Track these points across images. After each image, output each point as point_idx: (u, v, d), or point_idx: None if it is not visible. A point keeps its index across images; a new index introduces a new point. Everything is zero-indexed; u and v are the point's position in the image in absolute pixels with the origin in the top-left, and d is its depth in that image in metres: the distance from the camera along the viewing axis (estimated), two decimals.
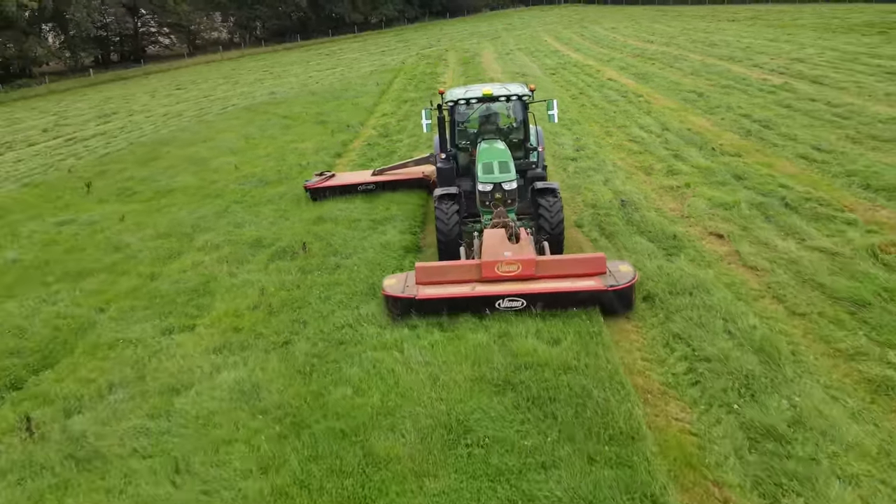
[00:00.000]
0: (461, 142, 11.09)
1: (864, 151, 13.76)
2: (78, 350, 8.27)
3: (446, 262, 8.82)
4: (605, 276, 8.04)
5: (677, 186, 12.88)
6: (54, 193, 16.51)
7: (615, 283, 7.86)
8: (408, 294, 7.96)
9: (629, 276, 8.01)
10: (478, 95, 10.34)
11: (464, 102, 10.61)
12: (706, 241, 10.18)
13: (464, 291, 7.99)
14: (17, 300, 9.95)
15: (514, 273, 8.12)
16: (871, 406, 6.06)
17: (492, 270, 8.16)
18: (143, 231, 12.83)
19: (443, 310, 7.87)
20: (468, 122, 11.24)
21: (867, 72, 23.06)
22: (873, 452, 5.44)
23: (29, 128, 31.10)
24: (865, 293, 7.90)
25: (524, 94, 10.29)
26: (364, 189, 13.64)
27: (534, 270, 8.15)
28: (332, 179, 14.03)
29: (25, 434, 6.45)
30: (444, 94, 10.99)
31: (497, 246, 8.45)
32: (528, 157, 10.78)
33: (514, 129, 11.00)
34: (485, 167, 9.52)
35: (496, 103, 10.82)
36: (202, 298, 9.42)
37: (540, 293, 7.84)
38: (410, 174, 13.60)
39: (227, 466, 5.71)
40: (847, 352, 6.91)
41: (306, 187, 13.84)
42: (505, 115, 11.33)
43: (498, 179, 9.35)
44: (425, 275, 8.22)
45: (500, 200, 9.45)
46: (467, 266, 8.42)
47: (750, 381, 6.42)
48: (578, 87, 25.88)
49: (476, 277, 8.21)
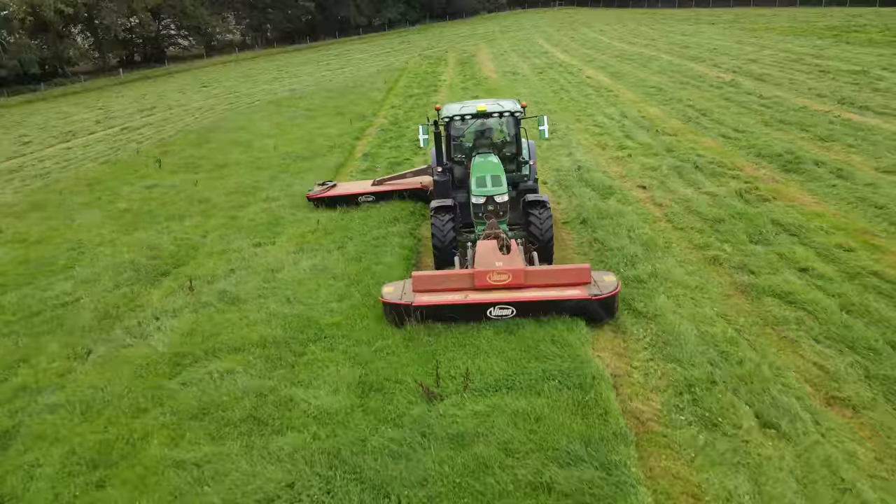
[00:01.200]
0: (457, 155, 11.55)
1: (769, 132, 17.84)
2: (199, 255, 12.30)
3: (441, 272, 9.28)
4: (590, 286, 8.50)
5: (622, 157, 16.91)
6: (132, 168, 20.56)
7: (598, 293, 8.32)
8: (405, 301, 8.45)
9: (612, 286, 8.47)
10: (472, 112, 10.81)
11: (459, 118, 10.97)
12: (632, 190, 14.21)
13: (457, 299, 8.44)
14: (142, 231, 13.98)
15: (505, 282, 8.57)
16: (701, 268, 10.09)
17: (484, 280, 8.58)
18: (215, 190, 16.87)
19: (438, 316, 8.40)
20: (463, 137, 11.77)
21: (804, 70, 27.13)
22: (692, 286, 9.46)
23: (81, 120, 35.22)
24: (724, 215, 11.95)
25: (516, 111, 10.82)
26: (364, 200, 14.12)
27: (523, 280, 8.59)
28: (333, 189, 14.55)
29: (188, 290, 10.50)
30: (440, 110, 11.38)
31: (489, 256, 8.91)
32: (520, 170, 11.28)
33: (507, 143, 11.49)
34: (478, 181, 10.07)
35: (490, 119, 11.26)
36: (275, 228, 13.45)
37: (528, 301, 8.32)
38: (408, 185, 14.13)
39: (318, 297, 9.77)
40: (699, 245, 10.95)
41: (308, 197, 14.42)
42: (498, 129, 11.78)
43: (490, 192, 9.92)
44: (421, 283, 8.72)
45: (493, 212, 10.03)
46: (461, 275, 8.85)
47: (633, 259, 10.45)
48: (560, 84, 29.92)
49: (469, 286, 8.66)
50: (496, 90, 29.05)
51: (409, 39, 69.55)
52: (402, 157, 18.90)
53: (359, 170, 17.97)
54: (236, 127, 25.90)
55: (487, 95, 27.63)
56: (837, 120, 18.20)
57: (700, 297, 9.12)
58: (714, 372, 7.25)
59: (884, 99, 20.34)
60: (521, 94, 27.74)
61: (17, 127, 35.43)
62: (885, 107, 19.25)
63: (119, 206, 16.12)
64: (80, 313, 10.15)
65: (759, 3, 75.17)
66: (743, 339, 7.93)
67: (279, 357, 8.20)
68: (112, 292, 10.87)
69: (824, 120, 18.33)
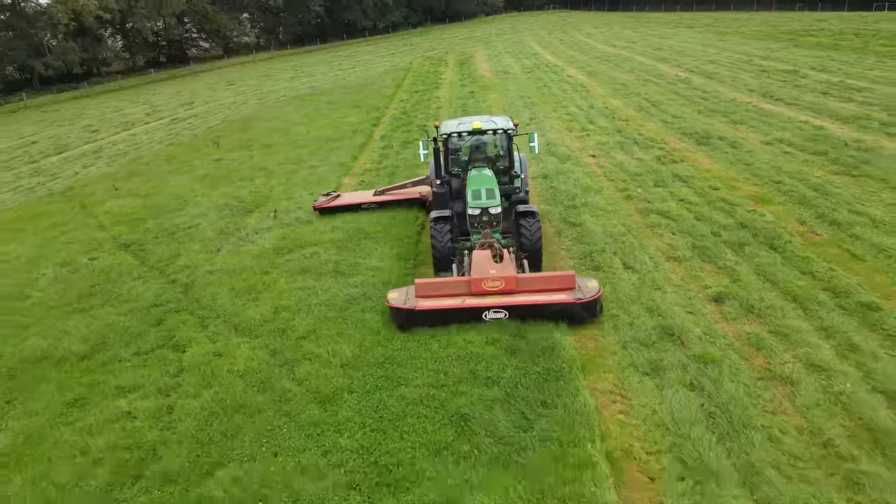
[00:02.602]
0: (454, 169, 12.48)
1: (698, 118, 22.88)
2: (271, 200, 17.29)
3: (441, 279, 10.08)
4: (575, 291, 9.32)
5: (582, 136, 21.94)
6: (195, 148, 25.60)
7: (582, 297, 9.18)
8: (409, 306, 9.27)
9: (594, 291, 9.33)
10: (468, 129, 11.79)
11: (456, 135, 12.00)
12: (584, 158, 19.21)
13: (456, 304, 9.26)
14: (223, 188, 19.00)
15: (499, 288, 9.39)
16: (617, 201, 15.08)
17: (479, 286, 9.40)
18: (270, 161, 21.89)
19: (438, 320, 9.21)
20: (460, 151, 12.74)
21: (748, 70, 32.19)
22: (608, 210, 14.47)
23: (132, 113, 40.32)
24: (643, 171, 16.99)
25: (509, 128, 11.82)
26: (367, 208, 15.09)
27: (515, 286, 9.41)
28: (337, 199, 15.53)
29: (273, 217, 15.54)
30: (438, 127, 12.45)
31: (484, 264, 9.75)
32: (512, 183, 12.20)
33: (500, 157, 12.51)
34: (474, 193, 10.93)
35: (485, 135, 12.16)
36: (322, 184, 18.45)
37: (519, 305, 9.16)
38: (408, 194, 15.01)
39: (363, 221, 14.80)
40: (620, 189, 15.96)
41: (315, 207, 15.41)
42: (492, 144, 12.73)
43: (485, 205, 10.79)
44: (423, 289, 9.57)
45: (487, 222, 10.86)
46: (458, 282, 9.67)
47: (573, 196, 15.46)
48: (544, 82, 34.97)
49: (466, 292, 9.49)
50: (490, 87, 34.11)
51: (411, 42, 74.61)
52: (411, 138, 23.86)
53: (378, 147, 22.99)
54: (271, 117, 30.96)
55: (483, 92, 32.72)
56: (753, 108, 23.28)
57: (611, 215, 14.14)
58: (605, 247, 12.27)
59: (798, 93, 25.42)
60: (510, 90, 32.83)
61: (78, 119, 40.59)
62: (794, 98, 24.34)
63: (198, 172, 21.17)
64: (203, 231, 15.19)
65: (738, 7, 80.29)
66: (629, 233, 12.96)
67: (345, 246, 13.24)
68: (219, 221, 15.91)
69: (743, 109, 23.41)
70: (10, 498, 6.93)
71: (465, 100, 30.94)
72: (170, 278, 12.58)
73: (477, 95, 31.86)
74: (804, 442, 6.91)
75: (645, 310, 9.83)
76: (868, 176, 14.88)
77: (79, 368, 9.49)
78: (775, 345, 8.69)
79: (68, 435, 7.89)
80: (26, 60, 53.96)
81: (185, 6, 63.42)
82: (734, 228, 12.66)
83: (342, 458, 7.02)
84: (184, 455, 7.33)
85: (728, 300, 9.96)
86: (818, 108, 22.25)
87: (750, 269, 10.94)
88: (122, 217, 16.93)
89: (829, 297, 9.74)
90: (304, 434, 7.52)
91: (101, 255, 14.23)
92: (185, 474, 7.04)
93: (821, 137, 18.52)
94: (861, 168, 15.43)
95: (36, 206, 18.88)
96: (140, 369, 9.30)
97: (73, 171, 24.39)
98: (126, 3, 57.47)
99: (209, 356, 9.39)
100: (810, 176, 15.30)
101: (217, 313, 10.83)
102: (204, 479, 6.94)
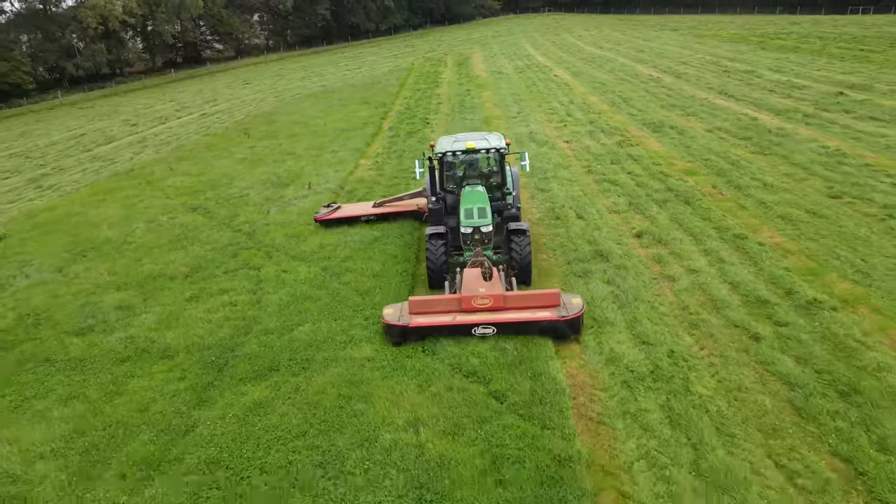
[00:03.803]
0: (449, 185, 13.07)
1: (659, 111, 26.92)
2: (303, 176, 21.26)
3: (433, 297, 10.53)
4: (559, 308, 9.72)
5: (560, 126, 25.98)
6: (228, 138, 29.62)
7: (566, 314, 9.62)
8: (402, 322, 9.72)
9: (578, 308, 9.75)
10: (462, 149, 12.23)
11: (451, 153, 12.43)
12: (559, 143, 23.24)
13: (447, 320, 9.71)
14: (261, 168, 23.00)
15: (488, 305, 9.79)
16: (580, 174, 19.13)
17: (469, 303, 9.82)
18: (296, 147, 25.89)
19: (431, 335, 9.57)
20: (455, 167, 13.32)
21: (713, 70, 36.23)
22: (572, 180, 18.51)
23: (162, 109, 44.40)
24: (604, 153, 21.01)
25: (501, 147, 12.26)
26: (366, 220, 15.58)
27: (503, 303, 9.82)
28: (338, 211, 16.05)
29: (308, 188, 19.59)
30: (434, 146, 12.80)
31: (474, 283, 10.21)
32: (504, 199, 12.72)
33: (493, 172, 13.03)
34: (466, 212, 11.42)
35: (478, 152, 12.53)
36: (343, 164, 22.48)
37: (507, 322, 9.60)
38: (406, 206, 15.60)
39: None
40: (584, 166, 19.99)
41: (316, 219, 15.90)
42: (485, 160, 13.29)
43: (477, 224, 11.30)
44: (417, 307, 10.03)
45: (479, 240, 11.32)
46: (450, 299, 10.12)
47: (545, 171, 19.49)
48: (533, 81, 39.02)
49: (457, 309, 9.92)
50: (484, 86, 38.16)
51: (412, 43, 78.64)
52: (416, 128, 27.88)
53: (387, 136, 26.99)
54: (291, 112, 35.01)
55: (478, 90, 36.76)
56: (707, 104, 27.34)
57: (573, 184, 18.16)
58: (565, 204, 16.29)
59: (748, 90, 29.47)
60: (503, 88, 36.87)
61: (114, 114, 44.67)
62: (744, 95, 28.39)
63: (237, 156, 25.20)
64: (253, 199, 19.19)
65: (724, 10, 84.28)
66: (585, 196, 16.97)
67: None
68: (263, 192, 19.90)
69: (698, 104, 27.46)
70: (168, 343, 10.94)
71: (462, 97, 34.98)
72: (235, 229, 16.61)
73: (473, 93, 35.89)
74: (671, 308, 10.95)
75: (586, 242, 13.86)
76: (776, 154, 18.94)
77: (187, 281, 13.52)
78: (670, 260, 12.73)
79: (195, 313, 11.92)
80: (58, 61, 58.34)
81: (201, 10, 67.52)
82: (663, 191, 16.71)
83: (378, 321, 11.05)
84: (274, 321, 11.35)
85: (645, 235, 14.01)
86: (759, 103, 26.30)
87: (666, 216, 14.99)
88: (184, 190, 20.96)
89: (715, 232, 13.79)
90: (351, 310, 11.54)
91: (176, 215, 18.26)
92: (277, 331, 11.05)
93: (752, 126, 22.57)
94: (773, 149, 19.49)
95: (107, 183, 22.89)
96: (231, 280, 13.33)
97: (127, 157, 28.44)
98: (148, 7, 61.68)
99: (279, 272, 13.41)
100: (732, 155, 19.36)
101: (277, 249, 14.85)
102: (290, 332, 10.95)
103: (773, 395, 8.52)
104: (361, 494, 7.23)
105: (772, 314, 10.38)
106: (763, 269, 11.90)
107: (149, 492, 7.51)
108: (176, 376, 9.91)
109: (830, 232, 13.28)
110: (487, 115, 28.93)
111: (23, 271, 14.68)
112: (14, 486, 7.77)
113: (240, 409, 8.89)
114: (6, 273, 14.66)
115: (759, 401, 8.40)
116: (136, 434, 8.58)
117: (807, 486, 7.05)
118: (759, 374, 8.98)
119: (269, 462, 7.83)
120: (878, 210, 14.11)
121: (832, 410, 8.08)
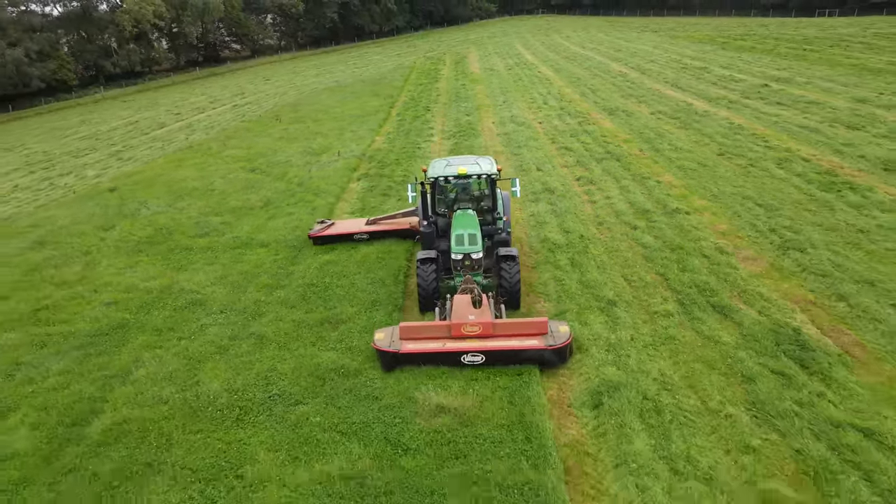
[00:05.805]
0: (440, 208, 13.24)
1: (619, 99, 32.91)
2: (332, 148, 27.26)
3: (423, 323, 10.80)
4: (546, 336, 10.02)
5: (537, 111, 31.95)
6: (263, 123, 35.60)
7: (553, 343, 9.92)
8: (393, 349, 10.06)
9: (565, 336, 10.04)
10: (454, 174, 12.39)
11: (443, 179, 12.63)
12: (534, 124, 29.18)
13: (436, 347, 10.06)
14: (296, 144, 28.97)
15: (477, 333, 10.13)
16: (546, 144, 25.11)
17: (459, 330, 10.17)
18: (322, 129, 31.86)
19: (420, 361, 9.97)
20: (447, 191, 13.48)
21: (675, 67, 42.18)
22: (542, 149, 24.52)
23: (197, 101, 50.43)
24: (567, 130, 27.04)
25: (492, 173, 12.52)
26: (359, 238, 15.76)
27: (492, 331, 10.20)
28: (331, 228, 16.28)
29: (338, 155, 25.56)
30: (426, 171, 12.97)
31: (464, 309, 10.52)
32: (495, 224, 12.92)
33: (484, 196, 13.22)
34: (457, 239, 11.67)
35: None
36: (363, 139, 28.44)
37: (495, 350, 9.91)
38: (399, 224, 15.83)
39: (392, 155, 24.89)
40: (551, 139, 25.98)
41: (310, 236, 16.14)
42: (477, 184, 13.35)
43: (467, 251, 11.56)
44: (407, 332, 10.38)
45: (469, 267, 11.60)
46: (440, 326, 10.45)
47: (519, 143, 25.48)
48: (519, 77, 45.03)
49: (447, 335, 10.27)
50: (478, 81, 44.16)
51: (414, 44, 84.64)
52: (419, 114, 33.81)
53: (395, 120, 32.95)
54: (312, 102, 41.01)
55: (472, 84, 42.74)
56: (658, 94, 33.34)
57: (539, 150, 24.10)
58: (531, 163, 22.26)
59: (696, 83, 35.45)
60: (493, 83, 42.88)
61: (156, 106, 50.74)
62: (690, 87, 34.38)
63: (275, 136, 31.20)
64: (296, 163, 25.14)
65: (704, 13, 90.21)
66: (546, 158, 22.91)
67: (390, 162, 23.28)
68: (303, 159, 25.85)
69: (651, 94, 33.46)
70: (263, 239, 16.90)
71: (458, 90, 40.98)
72: (288, 182, 22.58)
73: (467, 87, 41.89)
74: (588, 216, 16.91)
75: (540, 183, 19.84)
76: (692, 129, 24.95)
77: (263, 209, 19.51)
78: (595, 192, 18.73)
79: (275, 225, 17.90)
80: (97, 60, 64.57)
81: (222, 13, 73.59)
82: (603, 154, 22.71)
83: None
84: None
85: (582, 179, 20.02)
86: (699, 93, 32.30)
87: (601, 169, 20.98)
88: (239, 158, 26.94)
89: (630, 177, 19.79)
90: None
91: (240, 174, 24.23)
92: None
93: (685, 110, 28.57)
94: (692, 125, 25.50)
95: (175, 155, 28.87)
96: (294, 207, 19.31)
97: (182, 137, 34.44)
98: (175, 11, 67.81)
99: (326, 206, 19.39)
100: (662, 129, 25.36)
101: (322, 191, 20.83)
102: None
103: (634, 251, 14.51)
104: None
105: (649, 217, 16.39)
106: (652, 195, 17.92)
107: (275, 295, 13.50)
108: (272, 252, 15.91)
109: (707, 175, 19.28)
110: (479, 104, 34.93)
111: (144, 205, 20.69)
112: (199, 295, 13.76)
113: (317, 264, 14.87)
114: (132, 207, 20.67)
115: (625, 254, 14.37)
116: (258, 276, 14.57)
117: (638, 285, 13.01)
118: (629, 244, 14.96)
119: (338, 284, 13.79)
120: (745, 162, 20.10)
121: (663, 256, 14.06)
